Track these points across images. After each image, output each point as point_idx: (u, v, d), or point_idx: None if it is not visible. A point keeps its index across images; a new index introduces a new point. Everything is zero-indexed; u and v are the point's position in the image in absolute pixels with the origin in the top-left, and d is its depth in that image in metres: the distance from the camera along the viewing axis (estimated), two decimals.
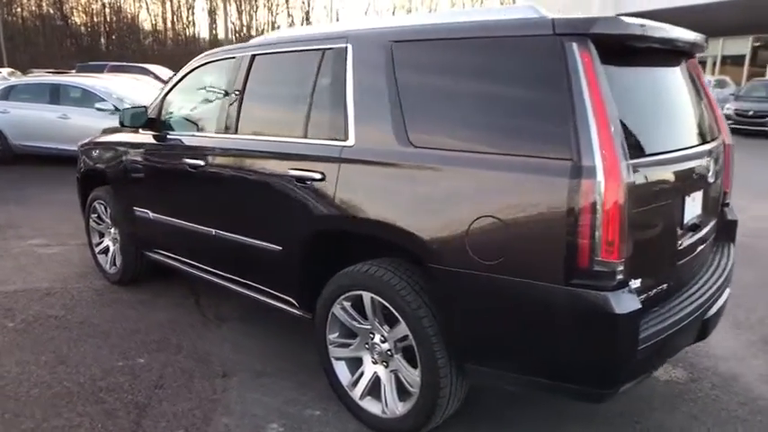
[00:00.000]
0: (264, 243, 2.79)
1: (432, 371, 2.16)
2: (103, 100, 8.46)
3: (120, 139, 3.87)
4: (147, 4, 44.70)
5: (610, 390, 1.88)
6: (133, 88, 9.81)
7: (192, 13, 47.01)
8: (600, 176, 1.74)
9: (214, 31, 44.91)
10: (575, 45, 1.84)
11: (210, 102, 3.23)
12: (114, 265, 4.18)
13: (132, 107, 3.53)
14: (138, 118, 3.49)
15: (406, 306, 2.18)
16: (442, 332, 2.15)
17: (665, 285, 2.08)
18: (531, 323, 1.92)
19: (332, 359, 2.59)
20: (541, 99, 1.89)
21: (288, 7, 51.28)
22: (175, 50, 41.48)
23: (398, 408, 2.35)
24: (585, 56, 1.83)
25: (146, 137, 3.60)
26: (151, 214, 3.58)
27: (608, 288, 1.78)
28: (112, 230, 4.16)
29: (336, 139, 2.44)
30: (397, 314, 2.23)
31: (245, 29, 44.92)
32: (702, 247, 2.40)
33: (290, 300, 2.85)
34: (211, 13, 45.00)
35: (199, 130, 3.31)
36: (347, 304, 2.47)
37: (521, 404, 2.68)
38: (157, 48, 43.92)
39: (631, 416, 2.60)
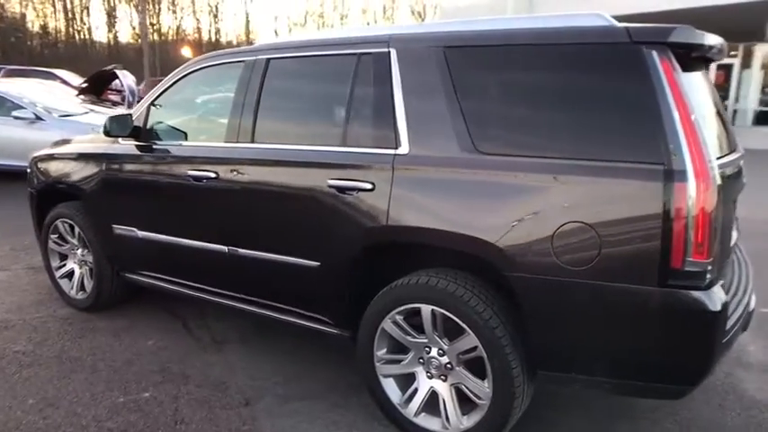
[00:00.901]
0: (295, 259, 2.62)
1: (506, 381, 2.12)
2: (21, 107, 7.65)
3: (92, 150, 3.49)
4: (32, 2, 41.03)
5: (696, 385, 1.94)
6: (49, 94, 8.98)
7: (88, 14, 43.76)
8: (691, 179, 1.79)
9: (114, 33, 42.32)
10: (654, 53, 1.88)
11: (214, 109, 3.01)
12: (83, 290, 3.76)
13: (116, 114, 3.19)
14: (124, 126, 3.16)
15: (477, 317, 2.13)
16: (515, 341, 2.12)
17: (724, 280, 2.18)
18: (622, 326, 1.93)
19: (380, 377, 2.47)
20: (624, 105, 1.92)
21: (194, 10, 49.47)
22: (67, 53, 38.55)
23: (463, 422, 2.28)
24: (666, 63, 1.87)
25: (127, 147, 3.27)
26: (138, 232, 3.25)
27: (700, 287, 1.83)
28: (79, 252, 3.75)
29: (385, 147, 2.34)
30: (465, 326, 2.16)
31: (153, 33, 42.67)
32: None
33: (321, 317, 2.70)
34: (110, 14, 42.32)
35: (201, 139, 3.06)
36: (400, 318, 2.37)
37: (560, 403, 2.70)
38: (47, 51, 40.56)
39: (664, 409, 2.70)
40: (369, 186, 2.34)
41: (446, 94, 2.22)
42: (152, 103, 3.22)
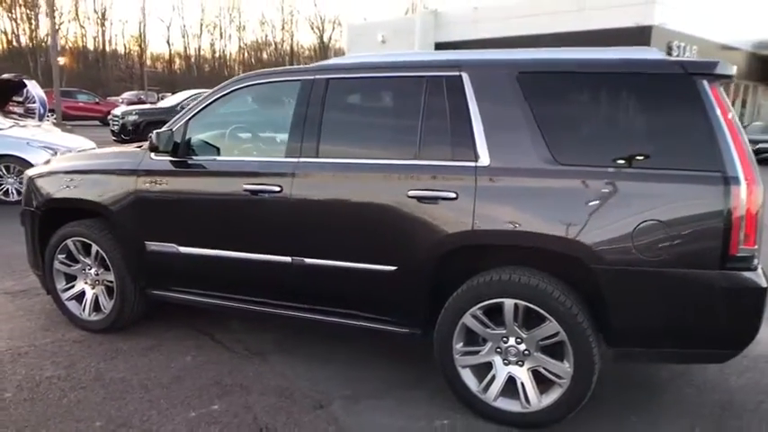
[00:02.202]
0: (369, 265, 2.80)
1: (587, 360, 2.46)
2: None
3: (118, 165, 3.42)
4: None
5: (743, 349, 2.40)
6: None
7: None
8: (743, 183, 2.25)
9: None
10: (705, 82, 2.34)
11: (266, 125, 3.11)
12: (97, 310, 3.63)
13: (162, 130, 3.16)
14: (168, 142, 3.15)
15: (560, 306, 2.46)
16: (591, 325, 2.47)
17: None
18: (688, 304, 2.35)
19: (458, 368, 2.72)
20: (683, 123, 2.35)
21: (77, 17, 46.33)
22: None
23: (542, 400, 2.60)
24: (714, 90, 2.34)
25: (163, 162, 3.26)
26: (180, 248, 3.24)
27: (750, 269, 2.29)
28: (92, 271, 3.62)
29: (464, 160, 2.62)
30: (548, 315, 2.48)
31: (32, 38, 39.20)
32: None
33: (390, 318, 2.90)
34: None
35: (254, 154, 3.13)
36: (480, 313, 2.64)
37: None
38: None
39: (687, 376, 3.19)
40: (452, 195, 2.60)
41: (522, 112, 2.55)
42: (191, 119, 3.24)
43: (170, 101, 15.21)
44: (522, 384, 2.63)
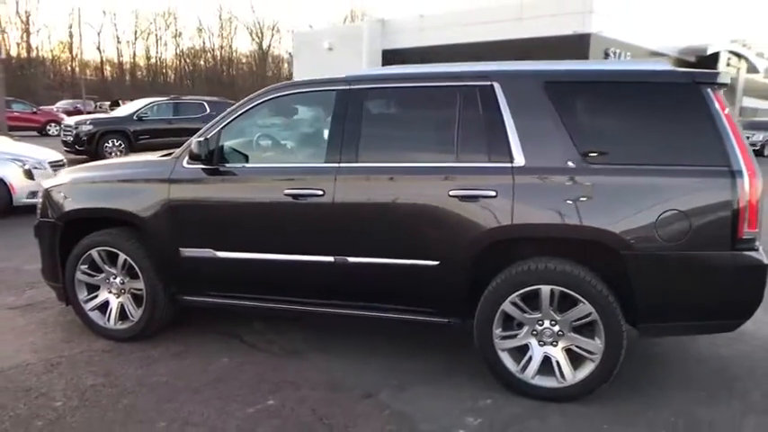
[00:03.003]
0: (412, 260, 3.02)
1: (617, 336, 2.78)
2: None
3: (148, 174, 3.49)
4: None
5: (749, 317, 2.79)
6: None
7: None
8: (746, 176, 2.63)
9: None
10: (709, 90, 2.72)
11: (303, 132, 3.27)
12: (124, 319, 3.66)
13: (200, 139, 3.24)
14: (206, 150, 3.26)
15: (593, 290, 2.77)
16: (621, 304, 2.80)
17: None
18: (704, 281, 2.71)
19: (498, 352, 2.98)
20: (693, 125, 2.72)
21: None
22: None
23: (576, 376, 2.89)
24: (717, 96, 2.72)
25: (195, 170, 3.35)
26: (218, 253, 3.34)
27: (754, 249, 2.68)
28: (117, 280, 3.65)
29: (500, 161, 2.89)
30: (582, 298, 2.79)
31: None
32: None
33: (429, 309, 3.13)
34: None
35: (292, 160, 3.29)
36: (518, 299, 2.91)
37: None
38: None
39: (675, 352, 3.58)
40: (492, 193, 2.86)
41: (551, 117, 2.85)
42: (224, 127, 3.36)
43: (125, 110, 14.79)
44: (558, 362, 2.92)
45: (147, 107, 13.82)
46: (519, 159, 2.87)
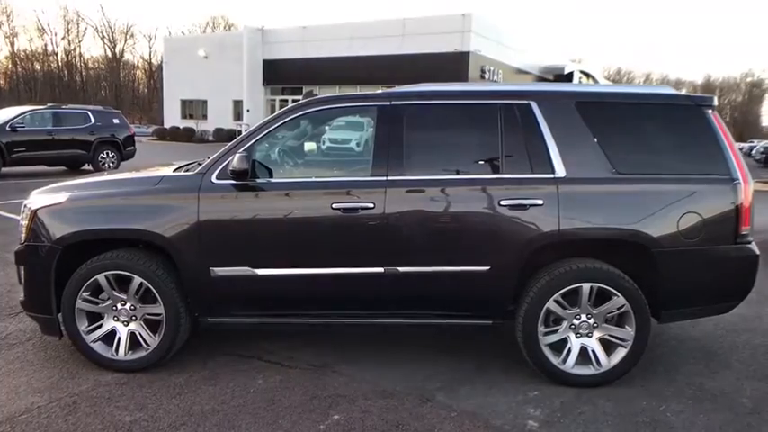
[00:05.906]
0: (463, 267, 3.19)
1: (646, 324, 3.19)
2: None
3: (172, 191, 3.27)
4: None
5: (743, 299, 3.34)
6: None
7: None
8: (742, 183, 3.19)
9: None
10: (709, 111, 3.25)
11: (345, 146, 3.30)
12: (136, 348, 3.38)
13: (241, 155, 3.08)
14: (246, 164, 3.13)
15: (628, 284, 3.15)
16: (647, 295, 3.21)
17: None
18: (714, 270, 3.21)
19: (542, 347, 3.25)
20: (698, 141, 3.23)
21: None
22: None
23: (610, 362, 3.25)
24: (715, 116, 3.26)
25: (226, 185, 3.23)
26: (258, 271, 3.23)
27: (748, 242, 3.24)
28: (127, 306, 3.36)
29: (543, 173, 3.17)
30: (617, 292, 3.16)
31: None
32: None
33: (473, 313, 3.32)
34: None
35: (334, 174, 3.29)
36: (560, 297, 3.21)
37: None
38: None
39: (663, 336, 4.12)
40: (540, 202, 3.14)
41: (584, 133, 3.20)
42: (259, 140, 3.28)
43: None
44: (594, 351, 3.26)
45: (21, 116, 12.30)
46: (560, 170, 3.18)
